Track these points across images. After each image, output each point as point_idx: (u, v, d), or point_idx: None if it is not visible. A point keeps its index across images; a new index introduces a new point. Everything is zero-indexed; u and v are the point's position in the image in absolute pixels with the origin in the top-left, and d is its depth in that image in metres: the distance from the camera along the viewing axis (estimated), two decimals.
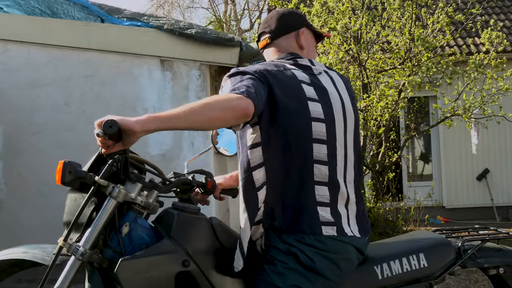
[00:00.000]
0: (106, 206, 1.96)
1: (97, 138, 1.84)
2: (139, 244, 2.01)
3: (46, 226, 6.73)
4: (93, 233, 1.93)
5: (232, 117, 1.90)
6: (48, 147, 6.85)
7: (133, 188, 2.01)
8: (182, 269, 1.97)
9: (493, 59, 8.40)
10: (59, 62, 6.95)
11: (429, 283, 2.24)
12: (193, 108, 1.83)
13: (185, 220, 2.07)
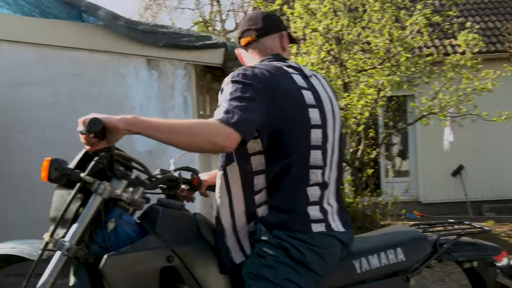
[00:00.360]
0: (91, 202, 1.95)
1: (81, 136, 1.85)
2: (125, 239, 2.00)
3: (36, 222, 6.68)
4: (79, 229, 1.92)
5: (210, 150, 1.98)
6: (37, 144, 6.82)
7: (118, 184, 2.01)
8: (167, 264, 1.97)
9: (468, 60, 8.48)
10: (48, 61, 6.91)
11: (406, 276, 2.24)
12: (177, 128, 1.86)
13: (170, 216, 2.07)
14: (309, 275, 2.07)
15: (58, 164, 1.94)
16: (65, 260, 1.91)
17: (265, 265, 2.04)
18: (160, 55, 6.88)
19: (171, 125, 1.87)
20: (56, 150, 7.13)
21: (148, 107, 6.87)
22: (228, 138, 1.87)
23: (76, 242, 1.91)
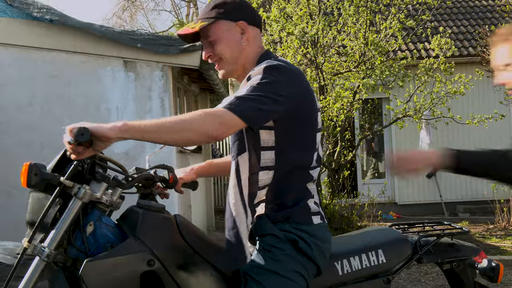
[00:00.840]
0: (71, 206, 1.91)
1: (68, 145, 1.79)
2: (104, 242, 1.97)
3: (12, 224, 6.61)
4: (58, 234, 1.88)
5: (205, 141, 1.95)
6: (12, 146, 6.75)
7: (98, 187, 1.96)
8: (147, 268, 1.93)
9: (442, 64, 8.57)
10: (23, 62, 6.84)
11: (387, 278, 2.25)
12: (171, 124, 1.84)
13: (150, 219, 2.03)
14: (311, 267, 2.07)
15: (37, 169, 1.86)
16: (44, 266, 1.87)
17: (273, 259, 2.02)
18: (137, 57, 6.85)
19: (165, 123, 1.83)
20: (32, 152, 7.11)
21: (125, 109, 6.83)
22: (222, 125, 1.85)
23: (55, 247, 1.87)
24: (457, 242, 2.47)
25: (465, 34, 12.28)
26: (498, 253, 7.23)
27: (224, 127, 1.85)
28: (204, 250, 2.09)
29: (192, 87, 9.42)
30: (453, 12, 13.12)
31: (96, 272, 1.86)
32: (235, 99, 1.89)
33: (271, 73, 1.98)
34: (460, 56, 11.07)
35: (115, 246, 1.96)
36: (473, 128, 9.63)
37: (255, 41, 2.21)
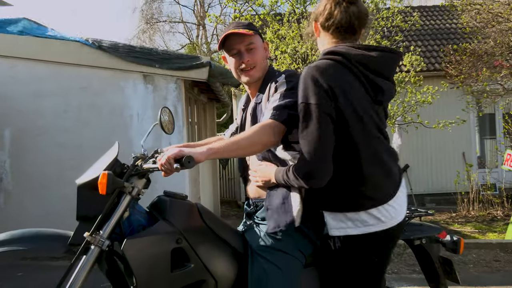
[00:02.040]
0: (123, 201, 1.96)
1: (170, 168, 1.83)
2: (137, 225, 2.01)
3: (47, 213, 6.63)
4: (111, 225, 1.93)
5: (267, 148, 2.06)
6: (49, 147, 6.77)
7: (140, 183, 2.02)
8: (176, 246, 1.97)
9: (412, 77, 8.58)
10: (59, 76, 6.86)
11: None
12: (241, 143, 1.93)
13: (176, 205, 2.07)
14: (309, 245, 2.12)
15: (113, 178, 1.89)
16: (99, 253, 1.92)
17: (276, 238, 2.06)
18: (155, 72, 6.87)
19: (236, 142, 1.93)
20: (66, 152, 7.11)
21: (144, 115, 6.85)
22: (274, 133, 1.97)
23: (107, 236, 1.92)
24: (424, 223, 2.56)
25: (431, 52, 12.30)
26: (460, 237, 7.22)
27: (277, 134, 1.98)
28: (221, 231, 2.13)
29: (201, 97, 9.43)
30: (421, 33, 13.15)
31: (134, 248, 1.90)
32: (275, 110, 1.99)
33: (293, 79, 2.09)
34: (428, 71, 11.10)
35: (146, 228, 2.00)
36: (439, 132, 9.65)
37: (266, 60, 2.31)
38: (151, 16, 28.83)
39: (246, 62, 2.19)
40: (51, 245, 2.00)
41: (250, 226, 2.21)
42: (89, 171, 2.08)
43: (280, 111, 1.98)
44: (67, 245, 1.95)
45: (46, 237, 2.02)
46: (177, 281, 1.97)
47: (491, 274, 5.43)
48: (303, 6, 8.08)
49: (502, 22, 8.69)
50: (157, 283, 1.93)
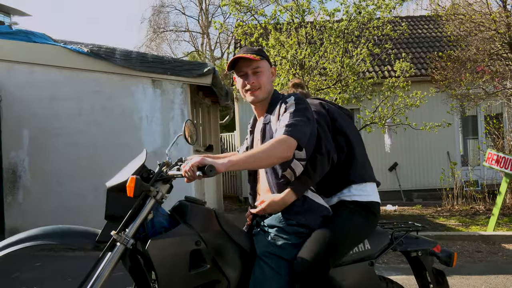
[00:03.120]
0: (148, 204, 1.97)
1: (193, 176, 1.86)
2: (159, 227, 2.02)
3: (63, 208, 6.63)
4: (136, 225, 1.95)
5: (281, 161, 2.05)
6: (64, 147, 6.77)
7: (164, 188, 2.03)
8: (195, 247, 1.99)
9: (401, 82, 8.56)
10: (73, 81, 6.85)
11: (371, 261, 2.29)
12: (258, 156, 1.97)
13: (196, 210, 2.08)
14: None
15: (141, 182, 1.91)
16: (124, 250, 1.94)
17: (279, 246, 2.10)
18: (162, 77, 6.86)
19: (253, 155, 1.97)
20: (80, 151, 7.09)
21: (153, 117, 6.84)
22: (290, 147, 2.01)
23: (132, 235, 1.94)
24: (420, 236, 2.57)
25: (418, 59, 12.29)
26: (445, 229, 7.23)
27: (291, 148, 2.01)
28: (235, 235, 2.14)
29: (205, 100, 9.41)
30: (409, 41, 13.14)
31: (157, 248, 1.92)
32: (288, 127, 2.04)
33: (301, 102, 2.16)
34: (415, 76, 11.08)
35: (168, 230, 2.01)
36: (426, 133, 9.63)
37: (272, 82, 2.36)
38: (159, 26, 28.83)
39: (251, 84, 2.23)
40: (80, 241, 2.01)
41: (259, 232, 2.23)
42: (118, 175, 2.09)
43: (293, 128, 2.03)
44: (95, 241, 1.97)
45: (76, 233, 2.03)
46: (194, 280, 1.98)
47: (474, 264, 5.42)
48: (301, 16, 8.06)
49: (483, 31, 8.68)
50: (176, 281, 1.95)
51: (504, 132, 9.53)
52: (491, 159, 7.09)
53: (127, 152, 7.04)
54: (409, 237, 2.48)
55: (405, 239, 2.43)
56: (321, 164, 2.18)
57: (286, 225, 2.14)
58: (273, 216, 2.19)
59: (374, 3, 8.04)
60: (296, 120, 2.07)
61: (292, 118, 2.08)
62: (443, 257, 2.46)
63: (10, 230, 6.67)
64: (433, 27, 13.90)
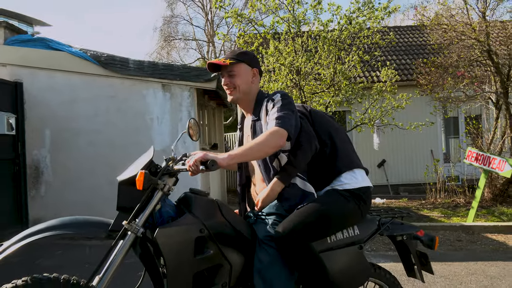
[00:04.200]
0: (156, 196, 1.98)
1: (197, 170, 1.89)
2: (167, 216, 2.02)
3: (81, 200, 6.64)
4: (145, 216, 1.95)
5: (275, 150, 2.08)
6: (82, 145, 6.78)
7: (170, 181, 2.04)
8: (199, 234, 1.99)
9: (388, 87, 8.56)
10: (90, 85, 6.86)
11: (360, 245, 2.29)
12: (254, 148, 2.00)
13: (200, 200, 2.08)
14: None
15: (149, 176, 1.91)
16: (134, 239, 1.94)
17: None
18: (171, 82, 6.86)
19: (249, 148, 2.00)
20: (96, 149, 7.11)
21: (163, 119, 6.85)
22: (282, 136, 2.03)
23: (141, 225, 1.95)
24: (405, 222, 2.57)
25: (405, 65, 12.28)
26: (428, 220, 7.24)
27: (283, 138, 2.03)
28: (235, 223, 2.14)
29: (211, 103, 9.42)
30: (397, 49, 13.13)
31: (165, 236, 1.92)
32: (278, 119, 2.07)
33: (286, 97, 2.19)
34: (402, 81, 11.08)
35: (175, 219, 2.02)
36: (411, 133, 9.64)
37: (257, 84, 2.33)
38: (169, 35, 28.84)
39: (224, 84, 2.26)
40: (95, 231, 2.02)
41: (256, 220, 2.23)
42: (128, 170, 2.09)
43: (282, 120, 2.06)
44: (108, 231, 1.98)
45: (91, 223, 2.03)
46: (198, 265, 1.99)
47: (455, 252, 5.43)
48: (298, 26, 8.06)
49: (464, 39, 8.66)
50: (182, 266, 1.95)
51: (482, 132, 9.51)
52: (471, 156, 7.09)
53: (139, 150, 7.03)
54: (395, 223, 2.47)
55: (391, 225, 2.44)
56: (304, 152, 2.17)
57: (283, 210, 2.15)
58: (269, 205, 2.19)
59: (363, 14, 8.03)
60: (284, 113, 2.09)
61: (280, 111, 2.10)
62: (426, 240, 2.46)
63: (33, 221, 6.69)
64: (418, 36, 13.88)
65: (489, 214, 7.55)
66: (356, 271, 2.26)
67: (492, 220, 7.02)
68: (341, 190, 2.20)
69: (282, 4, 8.22)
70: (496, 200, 8.36)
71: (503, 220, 7.02)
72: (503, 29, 8.83)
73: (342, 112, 11.45)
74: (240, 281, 2.10)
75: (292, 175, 2.17)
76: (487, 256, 5.18)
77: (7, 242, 1.94)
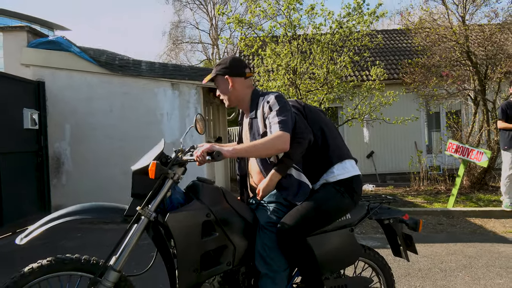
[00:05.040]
0: (166, 184, 1.98)
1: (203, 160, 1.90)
2: (176, 203, 2.03)
3: (98, 188, 6.65)
4: (158, 201, 1.96)
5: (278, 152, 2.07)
6: (99, 138, 6.79)
7: (180, 170, 2.03)
8: (206, 219, 2.00)
9: (377, 85, 8.53)
10: (106, 84, 6.85)
11: (351, 228, 2.30)
12: (258, 147, 2.00)
13: (206, 188, 2.08)
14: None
15: (160, 166, 1.93)
16: (147, 223, 1.95)
17: (278, 217, 2.12)
18: (180, 81, 6.84)
19: (254, 146, 2.00)
20: (111, 142, 7.12)
21: (172, 114, 6.84)
22: (287, 141, 2.03)
23: (154, 210, 1.95)
24: (392, 207, 2.58)
25: (391, 65, 12.23)
26: (412, 206, 7.25)
27: (286, 141, 2.02)
28: (239, 208, 2.14)
29: (215, 100, 9.40)
30: (384, 51, 13.07)
31: (175, 220, 1.93)
32: (281, 124, 2.05)
33: (281, 99, 2.14)
34: (389, 79, 11.03)
35: (183, 205, 2.02)
36: (397, 126, 9.62)
37: (241, 86, 2.25)
38: (177, 38, 28.74)
39: (217, 95, 2.34)
40: (111, 216, 2.02)
41: (259, 206, 2.23)
42: (141, 160, 2.09)
43: (284, 124, 2.04)
44: (124, 216, 1.98)
45: (108, 209, 2.03)
46: (205, 246, 2.00)
47: (436, 234, 5.44)
48: (293, 30, 8.02)
49: (446, 41, 8.62)
50: (191, 247, 1.96)
51: (462, 126, 9.50)
52: (451, 148, 7.09)
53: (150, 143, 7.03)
54: (383, 208, 2.47)
55: (379, 210, 2.44)
56: (300, 145, 2.14)
57: (281, 199, 2.15)
58: (270, 194, 2.19)
59: (353, 19, 7.99)
60: (284, 115, 2.07)
61: (280, 115, 2.07)
62: (411, 223, 2.46)
63: (55, 207, 6.71)
64: (404, 39, 13.81)
65: (467, 200, 7.56)
66: (347, 251, 2.27)
67: (470, 206, 7.03)
68: (335, 183, 2.18)
69: (280, 10, 8.17)
70: (474, 188, 8.37)
71: (480, 205, 7.03)
72: (481, 32, 8.79)
73: (334, 108, 11.42)
74: (243, 261, 2.11)
75: (289, 166, 2.15)
76: (466, 238, 5.19)
77: (32, 226, 1.95)
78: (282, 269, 2.05)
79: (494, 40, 8.37)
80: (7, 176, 5.57)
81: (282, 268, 2.05)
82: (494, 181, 8.66)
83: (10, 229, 5.61)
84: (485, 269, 3.95)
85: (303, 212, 2.07)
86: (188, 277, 1.95)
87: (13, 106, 5.87)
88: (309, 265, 2.09)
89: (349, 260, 2.30)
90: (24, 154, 6.16)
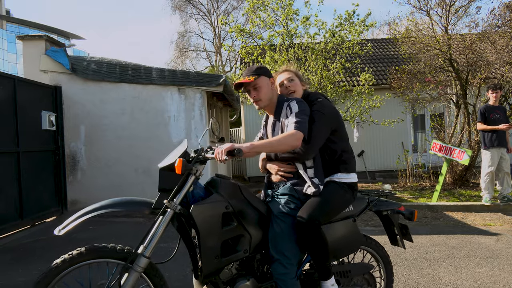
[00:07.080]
0: (189, 179, 1.99)
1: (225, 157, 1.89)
2: (198, 196, 2.05)
3: (110, 184, 6.64)
4: (181, 196, 1.97)
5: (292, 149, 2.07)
6: (111, 138, 6.77)
7: (201, 167, 2.05)
8: (225, 210, 2.03)
9: (366, 89, 8.53)
10: (118, 89, 6.83)
11: (354, 218, 2.33)
12: (273, 144, 2.02)
13: (225, 183, 2.10)
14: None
15: (186, 163, 1.93)
16: (172, 215, 1.96)
17: (290, 208, 2.15)
18: (186, 86, 6.83)
19: (270, 143, 2.02)
20: (123, 142, 7.10)
21: (179, 116, 6.82)
22: (299, 139, 2.04)
23: (179, 203, 1.97)
24: (389, 200, 2.61)
25: (380, 71, 12.19)
26: (399, 201, 7.24)
27: (299, 140, 2.04)
28: (253, 202, 2.17)
29: (218, 103, 9.39)
30: (373, 58, 13.04)
31: (198, 211, 1.95)
32: (295, 123, 2.07)
33: (301, 104, 2.16)
34: (377, 84, 11.02)
35: (204, 199, 2.05)
36: (385, 128, 9.61)
37: (275, 89, 2.32)
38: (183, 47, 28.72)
39: (252, 98, 2.26)
40: (140, 208, 2.03)
41: (273, 199, 2.26)
42: (166, 159, 2.10)
43: (300, 124, 2.06)
44: (151, 208, 1.99)
45: (136, 203, 2.04)
46: (224, 234, 2.03)
47: (421, 227, 5.43)
48: (290, 39, 8.01)
49: (430, 50, 8.61)
50: (212, 235, 1.99)
51: (445, 127, 9.49)
52: (435, 147, 7.08)
53: (159, 143, 7.08)
54: (381, 201, 2.52)
55: (378, 202, 2.50)
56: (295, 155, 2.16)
57: (294, 192, 2.18)
58: (284, 187, 2.23)
59: (345, 28, 7.98)
60: (302, 118, 2.09)
61: (298, 116, 2.10)
62: (407, 214, 2.47)
63: (71, 202, 6.70)
64: (392, 47, 13.79)
65: (450, 195, 7.56)
66: (351, 240, 2.31)
67: (453, 201, 7.02)
68: (339, 183, 2.23)
69: (278, 21, 8.16)
70: (456, 184, 8.36)
71: (461, 200, 7.02)
72: (463, 41, 8.78)
73: None
74: (258, 249, 2.14)
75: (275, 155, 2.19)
76: (448, 230, 5.18)
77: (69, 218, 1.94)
78: (293, 256, 2.08)
79: (475, 48, 8.37)
80: (27, 173, 5.56)
81: (293, 255, 2.08)
82: (475, 178, 8.65)
83: (29, 222, 5.60)
84: (466, 259, 3.94)
85: (318, 204, 2.11)
86: (210, 263, 1.98)
87: (32, 109, 5.86)
88: (322, 251, 2.12)
89: (353, 247, 2.33)
90: (43, 153, 6.14)
